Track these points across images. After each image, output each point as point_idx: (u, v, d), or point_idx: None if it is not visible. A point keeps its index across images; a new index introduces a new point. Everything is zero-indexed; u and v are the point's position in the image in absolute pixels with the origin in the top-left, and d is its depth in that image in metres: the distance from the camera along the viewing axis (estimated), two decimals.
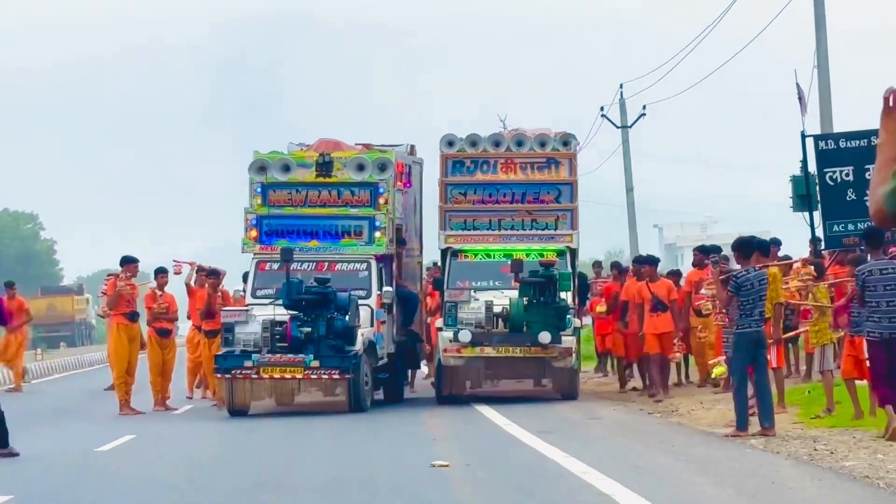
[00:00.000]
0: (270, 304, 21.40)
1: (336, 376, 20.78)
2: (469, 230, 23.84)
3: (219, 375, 21.41)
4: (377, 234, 22.35)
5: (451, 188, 24.02)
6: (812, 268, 19.13)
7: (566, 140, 24.06)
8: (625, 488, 11.57)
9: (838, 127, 26.12)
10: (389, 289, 22.53)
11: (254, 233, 22.49)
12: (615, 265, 29.08)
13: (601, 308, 26.24)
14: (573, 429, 17.81)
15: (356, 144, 24.20)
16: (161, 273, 24.07)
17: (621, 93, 52.12)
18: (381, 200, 22.44)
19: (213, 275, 23.86)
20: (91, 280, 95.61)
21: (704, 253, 23.04)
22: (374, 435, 17.75)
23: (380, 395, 23.12)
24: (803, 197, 25.42)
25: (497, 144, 23.99)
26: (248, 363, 20.66)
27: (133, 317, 23.01)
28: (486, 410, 20.93)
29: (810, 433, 15.59)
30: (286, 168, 22.53)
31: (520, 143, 23.92)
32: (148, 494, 12.72)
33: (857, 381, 16.23)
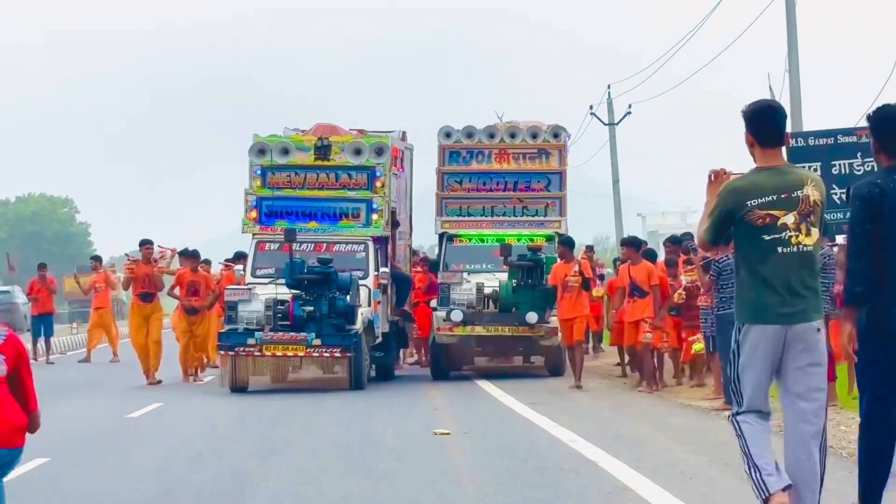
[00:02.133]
0: (271, 283, 20.77)
1: (337, 354, 20.03)
2: (464, 216, 23.68)
3: (222, 352, 20.52)
4: (374, 216, 21.55)
5: (448, 177, 23.87)
6: None
7: (556, 132, 23.97)
8: (609, 455, 11.71)
9: (808, 126, 26.12)
10: (386, 269, 21.87)
11: (254, 214, 21.62)
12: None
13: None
14: (562, 401, 17.77)
15: (351, 130, 23.51)
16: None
17: (609, 93, 52.13)
18: (378, 184, 21.63)
19: (241, 257, 23.63)
20: (122, 260, 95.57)
21: (676, 243, 21.56)
22: (379, 406, 17.66)
23: (372, 372, 22.53)
24: None
25: (491, 136, 23.88)
26: (251, 340, 19.92)
27: (145, 297, 22.69)
28: (483, 384, 20.94)
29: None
30: (285, 151, 21.64)
31: (513, 135, 23.83)
32: (174, 457, 12.80)
33: None
